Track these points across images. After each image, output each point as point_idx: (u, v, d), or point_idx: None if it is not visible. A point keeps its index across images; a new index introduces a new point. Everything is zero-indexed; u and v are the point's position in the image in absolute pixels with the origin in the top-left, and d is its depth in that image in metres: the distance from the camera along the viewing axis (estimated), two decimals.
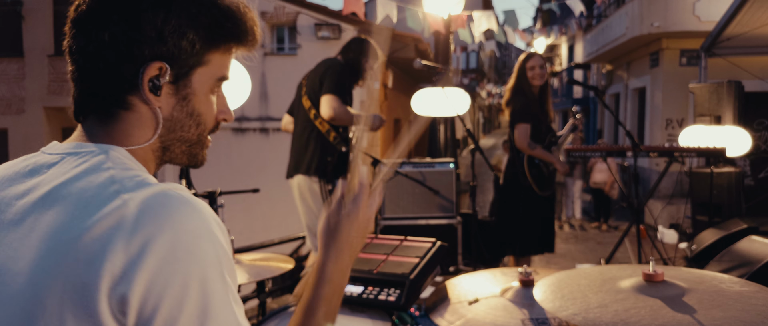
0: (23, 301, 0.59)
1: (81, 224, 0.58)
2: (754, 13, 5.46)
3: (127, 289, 0.55)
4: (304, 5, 9.08)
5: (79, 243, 0.57)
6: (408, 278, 1.30)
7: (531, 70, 3.31)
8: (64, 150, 0.68)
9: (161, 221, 0.58)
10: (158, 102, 0.68)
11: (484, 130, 40.59)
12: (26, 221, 0.62)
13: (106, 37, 0.65)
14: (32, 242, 0.60)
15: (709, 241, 3.59)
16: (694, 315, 1.01)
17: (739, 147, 4.00)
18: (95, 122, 0.70)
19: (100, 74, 0.67)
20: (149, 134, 0.70)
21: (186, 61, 0.68)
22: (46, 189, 0.63)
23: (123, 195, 0.59)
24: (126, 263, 0.56)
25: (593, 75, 14.95)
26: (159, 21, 0.65)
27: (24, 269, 0.60)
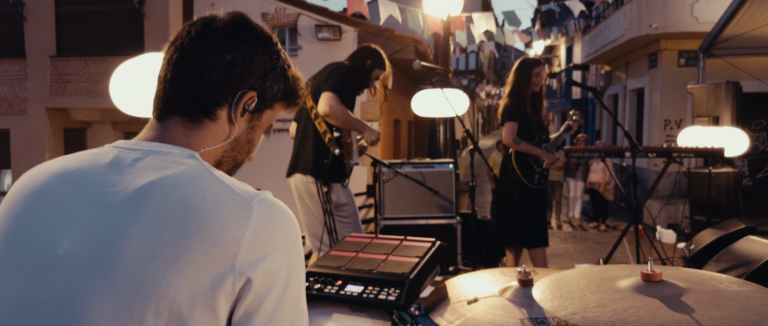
0: (137, 280, 0.65)
1: (211, 212, 0.67)
2: (753, 14, 5.48)
3: (253, 274, 0.67)
4: (304, 7, 9.08)
5: (210, 227, 0.66)
6: (408, 277, 1.31)
7: (536, 76, 3.46)
8: (147, 148, 0.75)
9: (279, 214, 0.72)
10: (236, 121, 0.81)
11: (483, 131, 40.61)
12: (130, 205, 0.68)
13: (229, 57, 0.78)
14: (143, 218, 0.67)
15: (708, 241, 3.60)
16: (692, 315, 1.01)
17: (737, 147, 4.01)
18: (178, 124, 0.79)
19: (206, 84, 0.78)
20: (218, 143, 0.81)
21: (267, 101, 0.84)
22: (152, 178, 0.70)
23: (246, 199, 0.71)
24: (253, 255, 0.67)
25: (592, 76, 14.97)
26: (269, 66, 0.82)
27: (128, 246, 0.66)
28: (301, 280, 0.74)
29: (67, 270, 0.67)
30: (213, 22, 0.80)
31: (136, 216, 0.67)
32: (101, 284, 0.65)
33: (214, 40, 0.79)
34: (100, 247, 0.67)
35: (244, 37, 0.80)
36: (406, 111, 11.49)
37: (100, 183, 0.72)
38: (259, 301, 0.68)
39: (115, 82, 2.12)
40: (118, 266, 0.65)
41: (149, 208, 0.67)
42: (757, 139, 8.00)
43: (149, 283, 0.64)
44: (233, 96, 0.79)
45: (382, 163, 3.42)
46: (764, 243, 2.59)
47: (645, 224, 7.20)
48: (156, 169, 0.71)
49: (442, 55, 6.30)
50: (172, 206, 0.67)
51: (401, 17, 6.02)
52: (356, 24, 8.81)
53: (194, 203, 0.68)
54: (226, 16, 0.82)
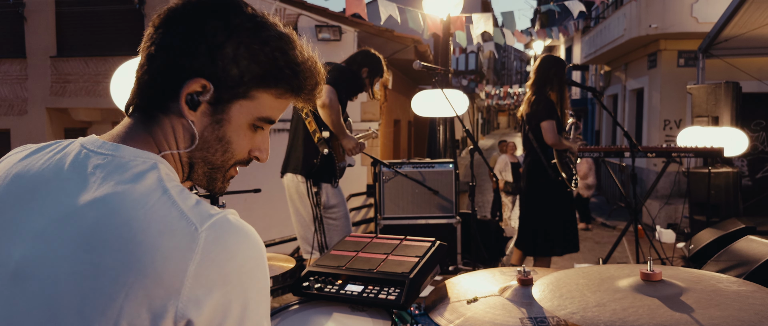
0: (68, 299, 0.60)
1: (153, 242, 0.60)
2: (752, 15, 5.48)
3: (196, 314, 0.60)
4: (305, 7, 9.08)
5: (150, 259, 0.60)
6: (408, 277, 1.31)
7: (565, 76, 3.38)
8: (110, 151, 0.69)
9: (230, 242, 0.63)
10: (192, 116, 0.70)
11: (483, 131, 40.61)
12: (77, 221, 0.63)
13: (166, 42, 0.69)
14: (88, 242, 0.61)
15: (707, 241, 3.60)
16: (691, 314, 1.01)
17: (736, 147, 4.01)
18: (138, 119, 0.72)
19: (153, 75, 0.70)
20: (183, 145, 0.72)
21: (230, 89, 0.70)
22: (104, 192, 0.64)
23: (194, 225, 0.62)
24: (199, 290, 0.60)
25: (591, 76, 14.98)
26: (216, 42, 0.68)
27: (69, 268, 0.61)
28: (259, 314, 0.65)
29: (22, 288, 0.62)
30: (163, 11, 0.72)
31: (82, 239, 0.61)
32: (43, 312, 0.61)
33: (158, 27, 0.70)
34: (46, 268, 0.62)
35: (187, 17, 0.69)
36: (406, 111, 11.49)
37: (56, 191, 0.66)
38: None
39: (116, 82, 2.12)
40: (60, 293, 0.60)
41: (95, 231, 0.61)
42: (756, 138, 8.00)
43: (88, 317, 0.59)
44: (178, 85, 0.68)
45: (382, 162, 3.42)
46: (764, 243, 2.59)
47: (644, 224, 7.20)
48: (112, 181, 0.65)
49: (441, 55, 6.30)
50: (115, 232, 0.61)
51: (401, 17, 6.02)
52: (356, 24, 8.81)
53: (137, 229, 0.60)
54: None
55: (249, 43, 0.69)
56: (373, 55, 3.00)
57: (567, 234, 3.36)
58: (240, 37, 0.69)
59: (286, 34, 0.73)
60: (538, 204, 3.38)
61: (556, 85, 3.32)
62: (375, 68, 2.96)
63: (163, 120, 0.71)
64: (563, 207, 3.33)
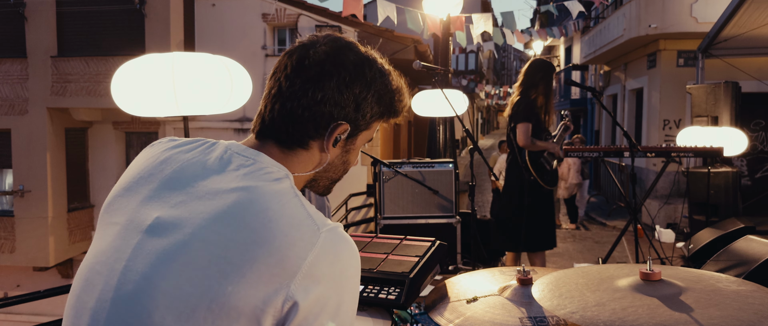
0: (195, 259, 0.70)
1: (284, 229, 0.71)
2: (752, 15, 5.49)
3: (303, 299, 0.68)
4: (305, 7, 9.08)
5: (279, 242, 0.70)
6: (408, 276, 1.31)
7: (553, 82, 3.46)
8: (254, 157, 0.80)
9: (342, 247, 0.73)
10: (328, 150, 0.85)
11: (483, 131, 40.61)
12: (217, 200, 0.73)
13: (319, 96, 0.81)
14: (225, 218, 0.71)
15: (706, 241, 3.61)
16: (691, 314, 1.02)
17: (736, 147, 4.02)
18: (274, 146, 0.84)
19: (300, 121, 0.82)
20: (309, 168, 0.86)
21: (362, 125, 0.87)
22: (247, 184, 0.75)
23: (317, 226, 0.73)
24: (309, 280, 0.69)
25: (591, 76, 14.98)
26: (360, 97, 0.84)
27: (201, 235, 0.71)
28: (350, 314, 0.74)
29: (154, 242, 0.73)
30: (306, 57, 0.83)
31: (220, 214, 0.72)
32: (173, 267, 0.70)
33: (306, 79, 0.82)
34: (183, 231, 0.72)
35: (336, 73, 0.82)
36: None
37: (201, 176, 0.78)
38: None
39: (117, 82, 2.13)
40: (191, 255, 0.70)
41: (232, 210, 0.72)
42: (755, 138, 8.01)
43: (211, 279, 0.68)
44: (325, 129, 0.83)
45: (382, 162, 3.43)
46: (763, 243, 2.60)
47: (644, 224, 7.21)
48: (253, 178, 0.76)
49: (441, 55, 6.30)
50: (252, 214, 0.71)
51: (399, 18, 6.02)
52: (356, 24, 8.81)
53: (272, 217, 0.71)
54: (321, 47, 0.84)
55: (379, 92, 0.86)
56: None
57: (541, 231, 3.41)
58: (373, 89, 0.85)
59: (387, 71, 0.89)
60: (513, 201, 3.46)
61: (541, 89, 3.38)
62: None
63: (301, 153, 0.84)
64: (537, 206, 3.39)
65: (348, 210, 6.30)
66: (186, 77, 2.10)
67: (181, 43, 8.99)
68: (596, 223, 8.64)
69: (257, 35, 9.15)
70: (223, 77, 2.18)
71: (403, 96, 0.91)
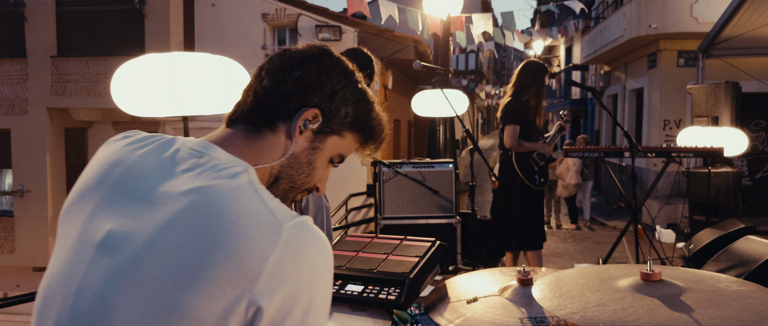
0: (149, 272, 0.66)
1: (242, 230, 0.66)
2: (752, 15, 5.49)
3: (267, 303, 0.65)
4: (305, 7, 9.09)
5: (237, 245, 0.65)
6: (408, 277, 1.31)
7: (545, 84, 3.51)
8: (208, 151, 0.77)
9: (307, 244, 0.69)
10: (297, 137, 0.83)
11: (483, 131, 40.62)
12: (170, 205, 0.70)
13: (297, 74, 0.82)
14: (179, 224, 0.67)
15: (707, 241, 3.61)
16: (691, 314, 1.01)
17: (736, 147, 4.01)
18: (241, 131, 0.83)
19: (273, 97, 0.82)
20: (275, 157, 0.83)
21: (333, 124, 0.85)
22: (200, 184, 0.71)
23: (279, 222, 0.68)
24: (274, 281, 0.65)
25: (591, 76, 14.98)
26: (337, 86, 0.84)
27: (155, 245, 0.67)
28: (322, 313, 0.71)
29: (106, 259, 0.69)
30: (293, 47, 0.87)
31: (172, 221, 0.68)
32: (127, 283, 0.66)
33: (288, 59, 0.84)
34: (134, 244, 0.68)
35: (317, 59, 0.84)
36: (406, 111, 11.49)
37: (153, 179, 0.74)
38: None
39: (116, 82, 2.13)
40: (145, 269, 0.66)
41: (185, 215, 0.68)
42: (756, 138, 8.01)
43: (167, 293, 0.64)
44: (296, 111, 0.82)
45: (382, 162, 3.43)
46: (763, 243, 2.60)
47: (644, 224, 7.20)
48: (207, 177, 0.72)
49: (441, 55, 6.30)
50: (207, 217, 0.67)
51: (401, 17, 6.02)
52: (356, 24, 8.81)
53: (228, 219, 0.67)
54: (307, 44, 0.88)
55: (356, 94, 0.86)
56: (361, 53, 2.75)
57: (529, 230, 3.46)
58: (352, 88, 0.86)
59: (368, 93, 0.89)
60: (503, 200, 3.52)
61: (532, 91, 3.45)
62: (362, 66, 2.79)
63: (268, 136, 0.82)
64: (526, 205, 3.43)
65: (348, 210, 6.30)
66: (186, 77, 2.10)
67: (180, 43, 8.99)
68: (596, 223, 8.64)
69: (257, 35, 9.15)
70: (223, 77, 2.18)
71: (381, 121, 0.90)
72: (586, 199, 8.40)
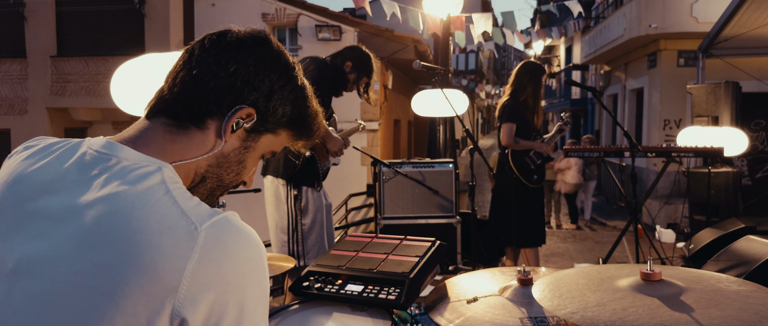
0: (65, 297, 0.61)
1: (152, 240, 0.61)
2: (752, 15, 5.49)
3: (191, 314, 0.60)
4: (305, 7, 9.09)
5: (149, 258, 0.60)
6: (408, 277, 1.31)
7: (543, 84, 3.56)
8: (117, 153, 0.70)
9: (229, 243, 0.63)
10: (227, 137, 0.75)
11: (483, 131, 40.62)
12: (77, 220, 0.64)
13: (232, 68, 0.74)
14: (88, 240, 0.62)
15: (707, 241, 3.61)
16: (691, 314, 1.01)
17: (736, 147, 4.01)
18: (162, 126, 0.74)
19: (204, 90, 0.73)
20: (205, 160, 0.75)
21: (268, 123, 0.78)
22: (106, 193, 0.65)
23: (194, 224, 0.63)
24: (195, 290, 0.60)
25: (591, 76, 14.98)
26: (276, 85, 0.77)
27: (67, 267, 0.62)
28: (257, 315, 0.66)
29: (18, 288, 0.63)
30: (228, 33, 0.77)
31: (81, 237, 0.62)
32: (44, 312, 0.61)
33: (223, 49, 0.75)
34: (44, 266, 0.63)
35: (255, 52, 0.76)
36: (406, 111, 11.49)
37: (59, 191, 0.67)
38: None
39: (116, 82, 2.13)
40: (60, 294, 0.61)
41: (94, 229, 0.62)
42: (756, 138, 8.00)
43: (85, 316, 0.60)
44: (229, 109, 0.74)
45: (382, 162, 3.43)
46: (763, 243, 2.60)
47: (644, 224, 7.20)
48: (115, 182, 0.66)
49: (441, 55, 6.30)
50: (115, 230, 0.61)
51: (402, 17, 6.02)
52: (356, 24, 8.81)
53: (137, 228, 0.61)
54: (244, 30, 0.78)
55: (296, 92, 0.80)
56: (359, 50, 2.80)
57: (528, 228, 3.47)
58: (292, 86, 0.79)
59: (307, 87, 0.83)
60: (502, 198, 3.55)
61: (529, 91, 3.49)
62: (360, 64, 2.75)
63: (194, 133, 0.74)
64: (523, 203, 3.44)
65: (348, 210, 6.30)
66: None
67: (180, 42, 8.99)
68: (596, 223, 8.64)
69: None
70: None
71: (317, 117, 0.84)
72: (588, 199, 8.39)
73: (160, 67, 2.13)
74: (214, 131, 0.75)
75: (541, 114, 3.66)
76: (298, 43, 9.16)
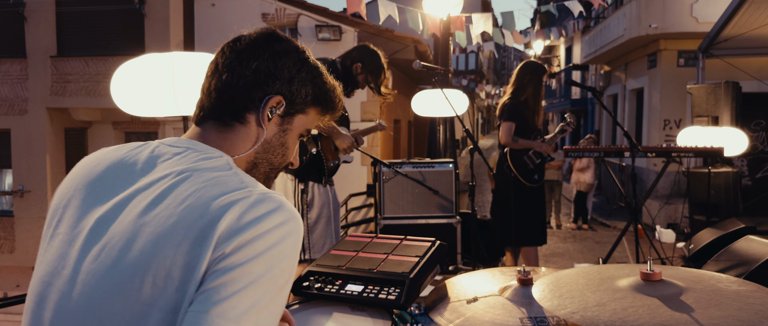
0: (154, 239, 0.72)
1: (212, 194, 0.74)
2: (752, 15, 5.49)
3: (227, 246, 0.70)
4: (305, 7, 9.09)
5: (209, 205, 0.72)
6: (408, 277, 1.31)
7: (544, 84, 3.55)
8: (186, 145, 0.85)
9: (276, 210, 0.74)
10: (267, 125, 0.89)
11: (483, 131, 40.63)
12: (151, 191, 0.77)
13: (254, 65, 0.87)
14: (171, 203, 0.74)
15: (707, 241, 3.61)
16: (691, 314, 1.01)
17: (736, 147, 4.02)
18: (212, 127, 0.88)
19: (236, 91, 0.87)
20: (249, 146, 0.89)
21: (297, 105, 0.91)
22: (181, 168, 0.79)
23: (248, 187, 0.76)
24: (241, 234, 0.70)
25: (591, 76, 14.98)
26: (294, 70, 0.90)
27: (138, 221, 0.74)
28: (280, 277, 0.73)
29: (96, 244, 0.75)
30: (241, 37, 0.90)
31: (155, 200, 0.74)
32: (121, 261, 0.72)
33: (241, 52, 0.88)
34: (122, 227, 0.74)
35: (268, 47, 0.89)
36: (406, 111, 11.49)
37: (137, 173, 0.81)
38: (231, 277, 0.70)
39: (116, 82, 2.13)
40: (135, 245, 0.72)
41: (167, 192, 0.75)
42: (756, 138, 8.00)
43: (146, 253, 0.71)
44: (260, 100, 0.87)
45: (382, 162, 3.43)
46: (763, 243, 2.60)
47: (644, 224, 7.20)
48: (187, 162, 0.80)
49: (441, 55, 6.30)
50: (186, 188, 0.74)
51: (401, 17, 6.02)
52: (356, 24, 8.81)
53: (206, 189, 0.74)
54: (254, 31, 0.91)
55: (311, 73, 0.92)
56: (368, 50, 2.84)
57: (530, 227, 3.48)
58: (307, 68, 0.91)
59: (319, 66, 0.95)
60: (501, 197, 3.56)
61: (530, 90, 3.49)
62: (370, 64, 2.79)
63: (239, 128, 0.88)
64: (524, 202, 3.45)
65: (348, 210, 6.30)
66: (186, 77, 2.10)
67: (180, 42, 8.99)
68: (596, 223, 8.64)
69: None
70: None
71: (336, 89, 0.96)
72: (589, 200, 8.40)
73: (160, 67, 2.13)
74: (255, 122, 0.88)
75: (542, 113, 3.66)
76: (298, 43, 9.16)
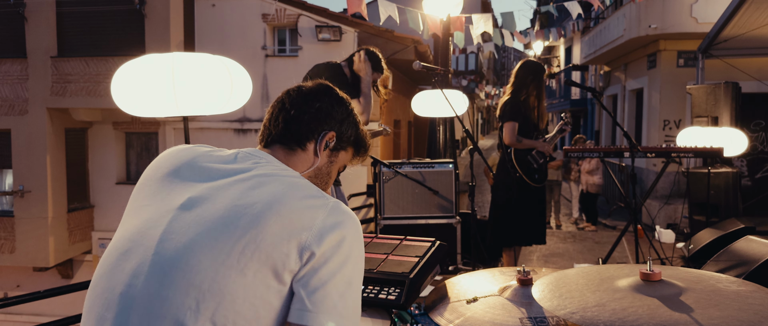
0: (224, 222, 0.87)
1: (296, 194, 0.91)
2: (752, 15, 5.49)
3: (316, 246, 0.86)
4: (305, 7, 9.09)
5: (293, 207, 0.89)
6: (408, 277, 1.31)
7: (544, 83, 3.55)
8: (265, 156, 1.03)
9: (346, 217, 0.91)
10: (321, 153, 1.08)
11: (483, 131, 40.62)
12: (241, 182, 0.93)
13: (317, 105, 1.08)
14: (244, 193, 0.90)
15: (707, 241, 3.61)
16: (691, 314, 1.02)
17: (736, 147, 4.02)
18: (279, 149, 1.07)
19: (300, 123, 1.07)
20: (305, 170, 1.07)
21: (343, 142, 1.12)
22: (264, 172, 0.96)
23: (327, 196, 0.94)
24: (322, 230, 0.88)
25: (591, 76, 14.99)
26: (344, 115, 1.12)
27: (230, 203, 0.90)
28: (356, 268, 0.90)
29: (186, 214, 0.90)
30: (303, 86, 1.11)
31: (242, 191, 0.90)
32: (209, 227, 0.87)
33: (306, 94, 1.09)
34: (209, 203, 0.90)
35: (327, 94, 1.11)
36: (406, 111, 11.49)
37: (225, 169, 0.97)
38: (319, 269, 0.86)
39: (117, 82, 2.13)
40: (217, 217, 0.87)
41: (254, 183, 0.91)
42: (755, 139, 8.00)
43: (233, 236, 0.85)
44: (318, 134, 1.07)
45: (382, 162, 3.43)
46: (763, 243, 2.60)
47: (644, 224, 7.20)
48: (268, 167, 0.98)
49: (441, 55, 6.30)
50: (271, 189, 0.90)
51: (401, 18, 6.02)
52: (356, 24, 8.81)
53: (288, 191, 0.91)
54: (312, 83, 1.13)
55: (355, 120, 1.14)
56: (370, 53, 2.95)
57: (530, 226, 3.48)
58: (352, 116, 1.14)
59: (357, 115, 1.16)
60: (500, 197, 3.54)
61: (531, 90, 3.47)
62: (375, 65, 2.92)
63: (300, 153, 1.07)
64: (524, 201, 3.44)
65: None
66: (186, 77, 2.10)
67: (181, 43, 8.99)
68: (596, 223, 8.63)
69: (257, 35, 9.15)
70: (223, 77, 2.18)
71: (367, 135, 1.17)
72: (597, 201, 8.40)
73: (160, 68, 2.13)
74: (312, 151, 1.08)
75: (545, 113, 3.63)
76: (298, 43, 9.15)
